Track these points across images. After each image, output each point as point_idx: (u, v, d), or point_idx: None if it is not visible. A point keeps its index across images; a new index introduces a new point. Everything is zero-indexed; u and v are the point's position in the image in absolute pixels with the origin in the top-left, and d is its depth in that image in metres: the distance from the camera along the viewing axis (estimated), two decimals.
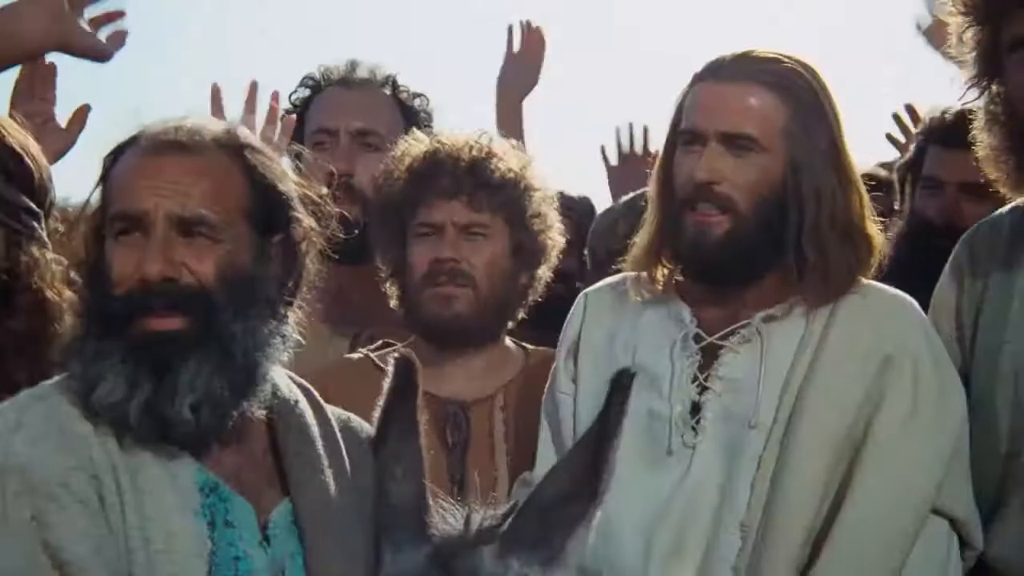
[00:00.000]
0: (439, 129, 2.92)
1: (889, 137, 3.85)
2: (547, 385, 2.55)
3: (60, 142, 2.92)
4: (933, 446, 2.29)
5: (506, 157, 2.77)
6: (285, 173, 2.04)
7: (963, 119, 2.85)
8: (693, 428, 2.33)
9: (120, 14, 2.62)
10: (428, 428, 2.72)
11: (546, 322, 2.76)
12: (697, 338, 2.38)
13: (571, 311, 2.55)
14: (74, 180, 2.52)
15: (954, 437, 2.31)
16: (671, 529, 2.28)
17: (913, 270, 3.05)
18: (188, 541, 1.85)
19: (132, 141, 1.99)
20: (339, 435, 2.05)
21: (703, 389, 2.35)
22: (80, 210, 2.03)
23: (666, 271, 2.44)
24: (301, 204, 2.02)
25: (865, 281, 2.39)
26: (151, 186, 1.92)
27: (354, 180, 3.18)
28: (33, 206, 2.31)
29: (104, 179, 1.99)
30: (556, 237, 2.80)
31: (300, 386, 2.09)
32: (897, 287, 3.18)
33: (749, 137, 2.33)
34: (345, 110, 3.32)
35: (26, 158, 2.33)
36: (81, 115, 2.98)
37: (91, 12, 2.59)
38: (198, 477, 1.91)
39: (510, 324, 2.81)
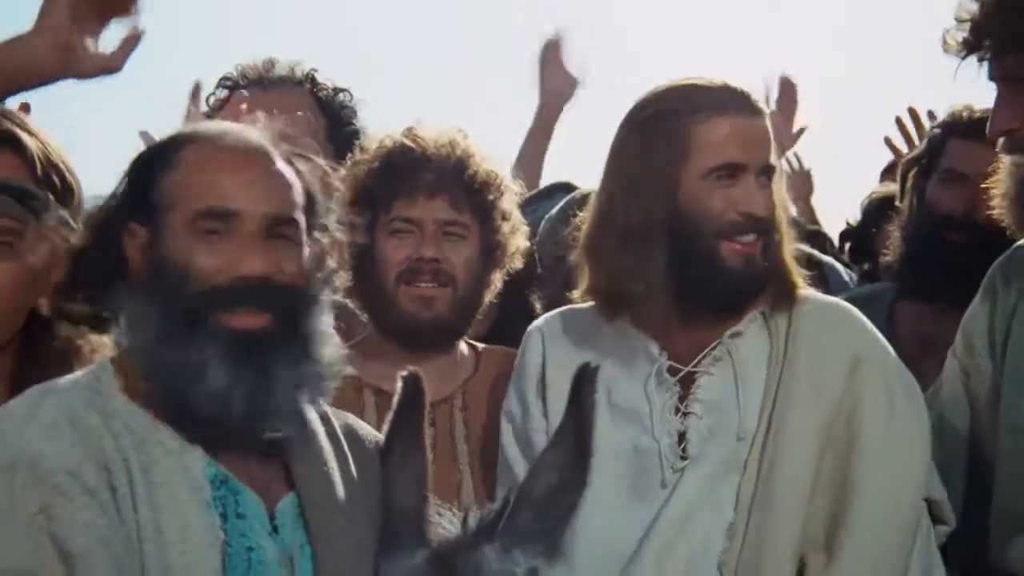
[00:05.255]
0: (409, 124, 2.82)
1: (887, 141, 3.86)
2: (512, 416, 2.53)
3: None
4: (919, 439, 2.37)
5: (484, 157, 2.74)
6: (319, 177, 2.09)
7: (987, 113, 2.90)
8: (681, 456, 2.37)
9: (138, 36, 2.60)
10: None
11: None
12: (671, 370, 2.42)
13: (526, 344, 2.55)
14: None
15: (928, 427, 2.40)
16: (656, 549, 2.32)
17: (926, 262, 3.07)
18: (202, 532, 1.87)
19: (188, 139, 2.01)
20: (339, 431, 2.06)
21: (684, 416, 2.39)
22: (110, 199, 2.02)
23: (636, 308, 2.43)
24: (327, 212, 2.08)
25: (803, 291, 2.46)
26: (245, 182, 1.96)
27: None
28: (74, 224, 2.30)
29: (159, 172, 1.98)
30: (521, 241, 2.77)
31: None
32: (909, 279, 3.20)
33: (773, 168, 2.43)
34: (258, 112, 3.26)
35: (68, 175, 2.32)
36: None
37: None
38: (208, 470, 1.92)
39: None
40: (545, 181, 3.85)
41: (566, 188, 3.44)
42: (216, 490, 1.92)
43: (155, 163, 2.00)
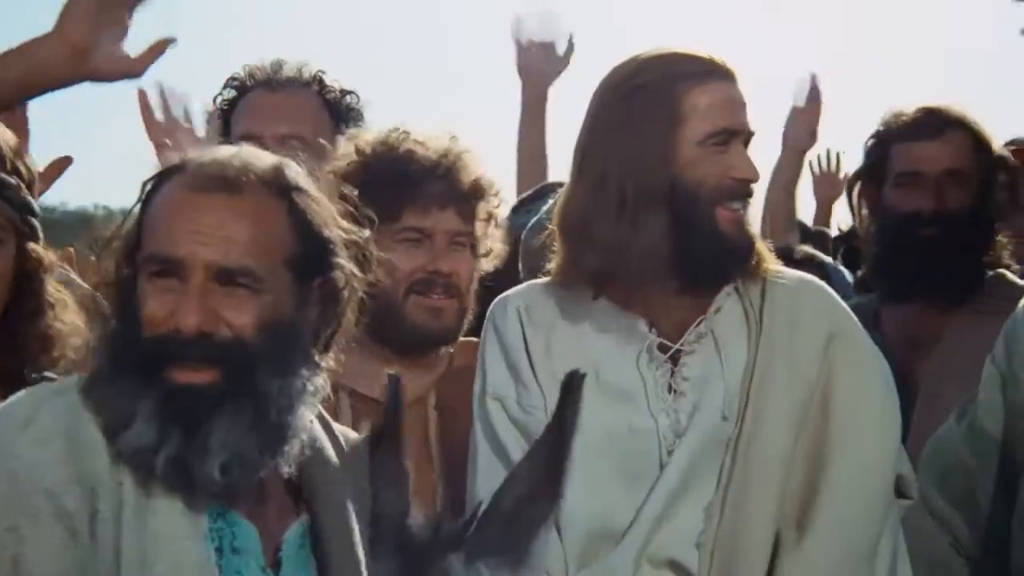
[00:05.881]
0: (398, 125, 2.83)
1: None
2: (501, 395, 2.47)
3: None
4: (890, 414, 2.40)
5: (482, 164, 2.75)
6: (332, 216, 1.95)
7: (925, 113, 3.14)
8: (677, 436, 2.37)
9: (168, 42, 2.58)
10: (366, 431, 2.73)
11: None
12: (661, 347, 2.41)
13: (500, 319, 2.49)
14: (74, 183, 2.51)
15: (898, 404, 2.44)
16: (644, 529, 2.33)
17: (904, 262, 3.12)
18: (196, 568, 1.80)
19: (177, 169, 1.90)
20: (347, 454, 2.03)
21: (675, 394, 2.39)
22: (116, 228, 1.94)
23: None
24: (345, 248, 1.94)
25: (772, 265, 2.48)
26: (191, 230, 1.82)
27: None
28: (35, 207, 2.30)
29: (143, 205, 1.90)
30: (496, 244, 2.79)
31: None
32: (889, 283, 3.25)
33: (753, 134, 2.44)
34: (269, 114, 3.24)
35: (28, 165, 2.33)
36: (62, 165, 2.96)
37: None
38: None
39: None
40: (553, 176, 3.83)
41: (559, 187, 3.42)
42: (213, 521, 1.86)
43: (144, 196, 1.93)
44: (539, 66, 4.12)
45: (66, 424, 1.83)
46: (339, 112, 3.28)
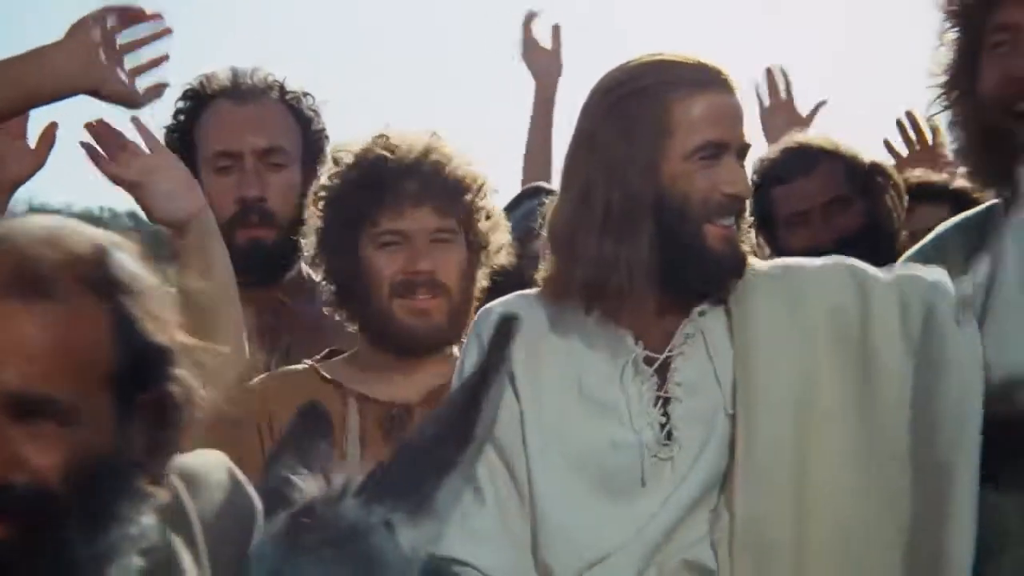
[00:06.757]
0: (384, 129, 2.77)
1: (887, 144, 3.88)
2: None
3: (28, 164, 2.88)
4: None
5: (462, 158, 2.71)
6: (166, 319, 1.56)
7: (792, 152, 3.27)
8: (665, 444, 2.28)
9: (163, 59, 2.59)
10: (375, 433, 2.66)
11: None
12: (647, 360, 2.32)
13: (484, 328, 2.31)
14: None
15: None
16: (651, 540, 2.25)
17: None
18: None
19: None
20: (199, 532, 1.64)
21: (665, 403, 2.30)
22: None
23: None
24: (184, 354, 1.56)
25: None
26: None
27: (267, 204, 3.09)
28: None
29: None
30: (503, 237, 2.75)
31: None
32: None
33: (749, 147, 2.35)
34: (244, 128, 3.13)
35: None
36: (49, 134, 2.89)
37: (131, 60, 2.56)
38: None
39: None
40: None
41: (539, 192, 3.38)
42: None
43: None
44: (547, 67, 4.13)
45: None
46: (303, 118, 3.22)
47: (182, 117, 3.19)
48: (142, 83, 2.61)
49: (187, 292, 2.40)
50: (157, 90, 2.52)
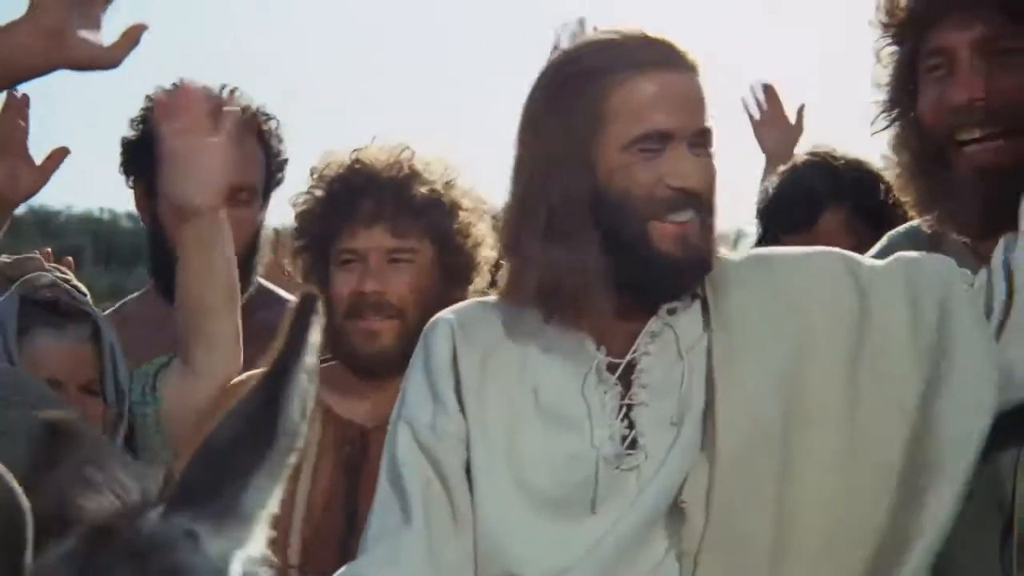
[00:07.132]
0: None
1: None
2: (415, 419, 2.24)
3: (35, 182, 2.89)
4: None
5: (429, 175, 2.67)
6: None
7: (791, 201, 3.27)
8: (628, 454, 2.12)
9: (142, 28, 2.56)
10: (329, 449, 2.68)
11: None
12: (610, 367, 2.16)
13: (431, 337, 2.26)
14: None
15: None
16: (615, 549, 2.09)
17: None
18: None
19: None
20: None
21: (628, 411, 2.14)
22: None
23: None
24: None
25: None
26: None
27: None
28: None
29: None
30: (488, 253, 2.69)
31: None
32: None
33: (709, 131, 2.16)
34: None
35: None
36: (58, 157, 2.90)
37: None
38: None
39: None
40: None
41: None
42: None
43: None
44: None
45: None
46: (265, 138, 3.22)
47: (134, 146, 3.24)
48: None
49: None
50: (134, 35, 2.45)
